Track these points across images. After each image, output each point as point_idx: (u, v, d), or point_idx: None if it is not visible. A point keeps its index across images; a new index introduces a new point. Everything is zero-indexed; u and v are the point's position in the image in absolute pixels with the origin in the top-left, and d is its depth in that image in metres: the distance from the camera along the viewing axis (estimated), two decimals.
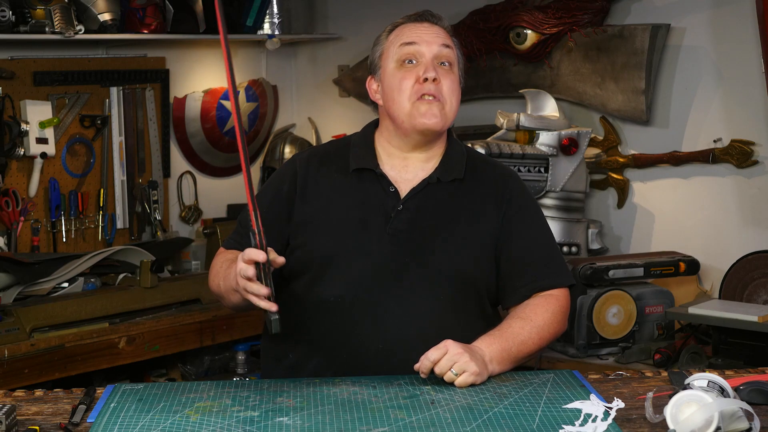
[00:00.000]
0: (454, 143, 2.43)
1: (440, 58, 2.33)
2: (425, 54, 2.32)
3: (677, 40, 3.68)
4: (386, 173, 2.36)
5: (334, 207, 2.34)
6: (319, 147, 2.52)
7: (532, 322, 2.27)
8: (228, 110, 4.55)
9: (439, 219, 2.33)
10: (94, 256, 3.70)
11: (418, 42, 2.33)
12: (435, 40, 2.34)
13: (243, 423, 1.91)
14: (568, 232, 3.69)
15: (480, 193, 2.37)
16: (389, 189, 2.34)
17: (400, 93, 2.32)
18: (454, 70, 2.36)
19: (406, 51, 2.33)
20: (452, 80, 2.34)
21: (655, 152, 3.75)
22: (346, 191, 2.36)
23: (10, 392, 2.16)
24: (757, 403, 1.96)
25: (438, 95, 2.30)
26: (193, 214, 4.47)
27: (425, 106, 2.30)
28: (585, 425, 1.88)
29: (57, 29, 3.68)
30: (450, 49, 2.35)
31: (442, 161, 2.38)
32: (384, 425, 1.89)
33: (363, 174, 2.37)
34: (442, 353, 2.09)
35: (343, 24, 4.63)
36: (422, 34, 2.34)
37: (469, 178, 2.38)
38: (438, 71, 2.31)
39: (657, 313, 3.41)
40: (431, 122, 2.31)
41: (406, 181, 2.36)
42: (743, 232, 3.59)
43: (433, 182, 2.35)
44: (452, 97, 2.33)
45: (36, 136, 3.82)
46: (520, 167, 3.60)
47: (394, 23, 2.41)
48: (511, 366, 2.23)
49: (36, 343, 3.33)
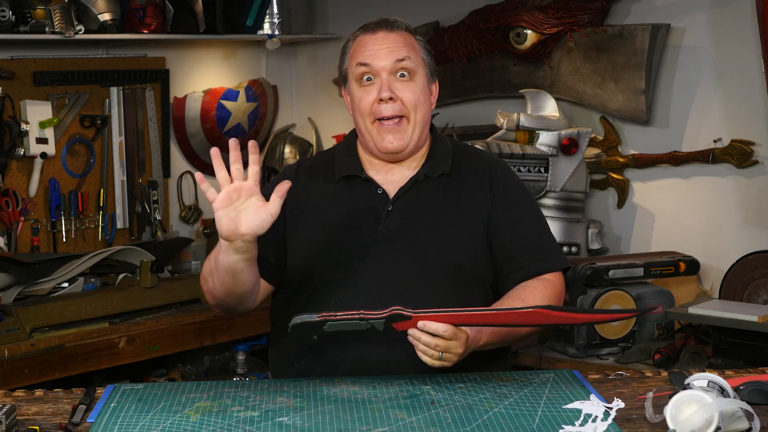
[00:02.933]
0: (439, 138, 2.44)
1: (398, 70, 2.32)
2: (380, 72, 2.31)
3: (677, 40, 3.68)
4: (372, 177, 2.38)
5: (326, 215, 2.36)
6: (306, 159, 2.53)
7: (525, 303, 2.26)
8: (228, 110, 4.56)
9: (430, 215, 2.34)
10: (94, 256, 3.70)
11: (371, 62, 2.31)
12: (388, 55, 2.31)
13: (243, 423, 1.91)
14: (568, 232, 3.69)
15: (468, 184, 2.38)
16: (377, 191, 2.36)
17: (362, 114, 2.34)
18: (417, 77, 2.33)
19: (361, 71, 2.33)
20: (413, 90, 2.32)
21: (655, 152, 3.75)
22: (336, 199, 2.38)
23: (10, 392, 2.16)
24: (757, 403, 1.96)
25: (397, 112, 2.30)
26: (193, 214, 4.47)
27: (385, 132, 2.31)
28: (585, 425, 1.89)
29: (57, 29, 3.68)
30: (407, 58, 2.32)
31: (428, 157, 2.40)
32: (384, 425, 1.89)
33: (350, 180, 2.39)
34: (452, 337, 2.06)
35: (343, 24, 4.63)
36: (376, 50, 2.32)
37: (457, 170, 2.39)
38: (395, 87, 2.30)
39: (657, 313, 3.41)
40: (393, 146, 2.33)
41: (393, 182, 2.38)
42: (743, 232, 3.59)
43: (421, 179, 2.36)
44: (416, 107, 2.32)
45: (36, 136, 3.82)
46: (520, 167, 3.61)
47: (354, 33, 2.39)
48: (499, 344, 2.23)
49: (36, 343, 3.33)
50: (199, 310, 3.75)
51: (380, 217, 2.32)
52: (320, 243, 2.34)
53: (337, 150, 2.47)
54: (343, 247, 2.31)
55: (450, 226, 2.33)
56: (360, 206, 2.35)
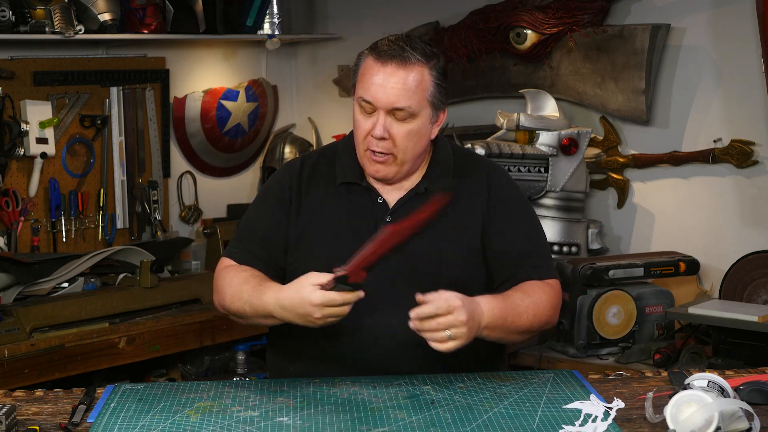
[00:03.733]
0: (440, 147, 2.41)
1: (399, 109, 2.26)
2: (379, 109, 2.26)
3: (677, 40, 3.68)
4: (373, 185, 2.37)
5: (325, 221, 2.35)
6: (308, 157, 2.48)
7: (530, 297, 2.26)
8: (228, 110, 4.56)
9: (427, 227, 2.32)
10: (94, 256, 3.70)
11: (372, 99, 2.26)
12: (389, 98, 2.24)
13: (243, 423, 1.91)
14: (568, 232, 3.69)
15: (467, 195, 2.37)
16: (377, 200, 2.36)
17: (357, 135, 2.32)
18: (417, 118, 2.27)
19: (364, 101, 2.28)
20: (410, 130, 2.27)
21: (655, 152, 3.75)
22: (336, 205, 2.37)
23: (10, 392, 2.16)
24: (757, 403, 1.96)
25: (386, 150, 2.28)
26: (193, 214, 4.47)
27: (373, 161, 2.30)
28: (585, 425, 1.89)
29: (57, 29, 3.68)
30: (407, 108, 2.25)
31: (429, 169, 2.38)
32: (384, 425, 1.89)
33: (351, 186, 2.38)
34: (449, 311, 2.05)
35: (343, 24, 4.63)
36: (380, 86, 2.25)
37: (455, 182, 2.38)
38: (391, 126, 2.26)
39: (657, 313, 3.41)
40: (380, 175, 2.32)
41: (393, 191, 2.37)
42: (743, 232, 3.59)
43: (421, 192, 2.35)
44: (407, 148, 2.28)
45: (36, 136, 3.82)
46: (520, 167, 3.60)
47: (367, 49, 2.32)
48: (499, 336, 2.21)
49: (36, 343, 3.33)
50: (199, 310, 3.75)
51: (379, 226, 2.31)
52: (319, 249, 2.33)
53: (338, 150, 2.44)
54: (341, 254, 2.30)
55: (446, 238, 2.33)
56: (360, 214, 2.34)
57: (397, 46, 2.26)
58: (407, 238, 2.16)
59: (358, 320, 2.27)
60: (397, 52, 2.25)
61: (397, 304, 2.26)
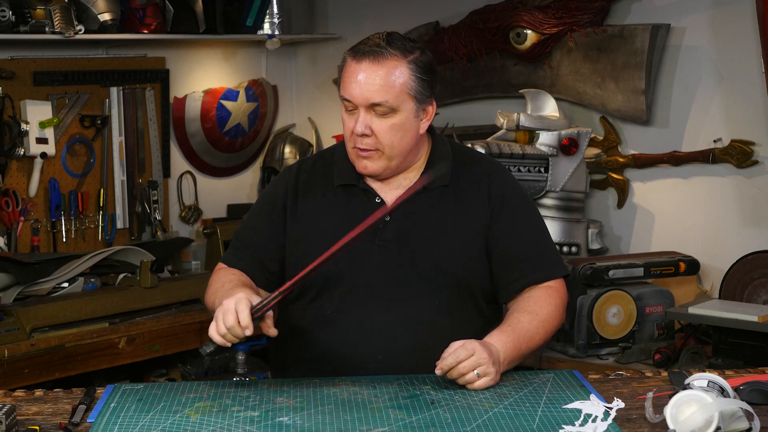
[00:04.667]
0: (439, 144, 2.41)
1: (377, 104, 2.26)
2: (359, 107, 2.27)
3: (677, 40, 3.68)
4: (371, 186, 2.36)
5: (323, 224, 2.35)
6: (305, 161, 2.49)
7: (538, 316, 2.27)
8: (228, 110, 4.56)
9: (428, 226, 2.32)
10: (94, 256, 3.70)
11: (350, 97, 2.26)
12: (364, 94, 2.24)
13: (243, 423, 1.91)
14: (568, 232, 3.69)
15: (468, 193, 2.36)
16: (375, 201, 2.35)
17: (345, 135, 2.33)
18: (399, 112, 2.26)
19: (345, 100, 2.29)
20: (392, 125, 2.26)
21: (655, 152, 3.75)
22: (334, 207, 2.37)
23: (10, 392, 2.16)
24: (757, 403, 1.96)
25: (371, 146, 2.28)
26: (193, 214, 4.47)
27: (361, 157, 2.30)
28: (585, 425, 1.89)
29: (57, 29, 3.68)
30: (384, 103, 2.24)
31: (427, 166, 2.37)
32: (384, 425, 1.89)
33: (348, 188, 2.37)
34: (469, 353, 2.08)
35: (343, 24, 4.63)
36: (356, 84, 2.25)
37: (455, 180, 2.37)
38: (372, 122, 2.26)
39: (657, 313, 3.41)
40: (368, 171, 2.32)
41: (391, 191, 2.35)
42: (743, 232, 3.59)
43: (420, 190, 2.34)
44: (392, 143, 2.28)
45: (36, 136, 3.82)
46: (520, 167, 3.60)
47: (350, 48, 2.32)
48: (517, 362, 2.23)
49: (36, 343, 3.33)
50: (199, 310, 3.75)
51: (378, 227, 2.31)
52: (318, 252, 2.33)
53: (336, 152, 2.43)
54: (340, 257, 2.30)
55: (447, 237, 2.32)
56: (358, 216, 2.33)
57: (373, 44, 2.27)
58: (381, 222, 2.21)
59: (359, 320, 2.27)
60: (372, 49, 2.26)
61: (398, 303, 2.26)
